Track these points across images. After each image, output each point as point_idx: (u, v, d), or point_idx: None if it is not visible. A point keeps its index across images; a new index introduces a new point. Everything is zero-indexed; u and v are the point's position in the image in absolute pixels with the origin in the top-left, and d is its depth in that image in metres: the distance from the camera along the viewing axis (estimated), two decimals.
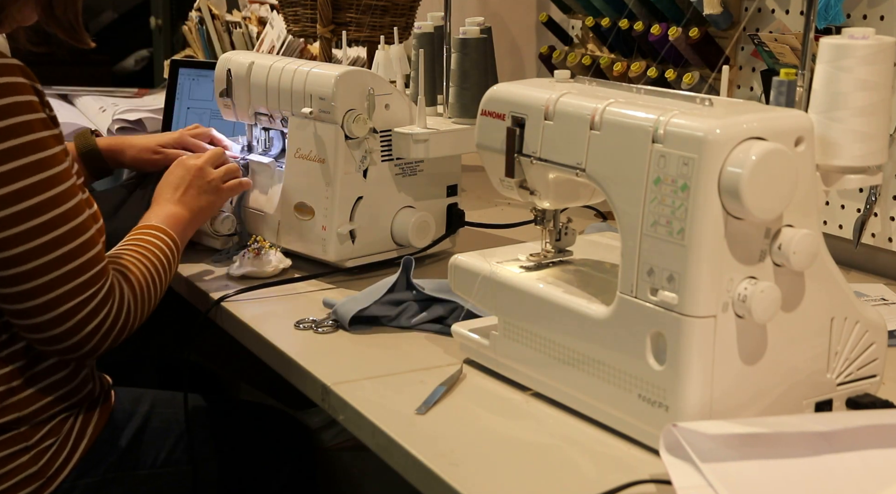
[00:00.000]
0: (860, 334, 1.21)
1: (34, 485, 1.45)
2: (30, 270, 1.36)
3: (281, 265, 1.73)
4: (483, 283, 1.36)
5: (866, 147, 1.17)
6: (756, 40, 1.87)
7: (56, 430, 1.48)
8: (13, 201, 1.35)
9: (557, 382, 1.27)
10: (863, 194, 1.79)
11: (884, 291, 1.70)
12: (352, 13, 2.27)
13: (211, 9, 3.01)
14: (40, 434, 1.46)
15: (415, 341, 1.51)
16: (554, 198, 1.33)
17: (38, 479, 1.45)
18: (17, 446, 1.44)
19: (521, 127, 1.31)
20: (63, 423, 1.49)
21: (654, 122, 1.14)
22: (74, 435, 1.50)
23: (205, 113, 2.40)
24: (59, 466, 1.47)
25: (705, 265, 1.10)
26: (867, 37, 1.16)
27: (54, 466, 1.47)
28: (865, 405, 1.19)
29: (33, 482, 1.45)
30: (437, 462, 1.15)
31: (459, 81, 1.78)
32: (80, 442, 1.50)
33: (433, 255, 1.85)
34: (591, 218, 2.12)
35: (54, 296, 1.37)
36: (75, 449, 1.49)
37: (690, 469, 1.03)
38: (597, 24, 2.22)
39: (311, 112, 1.73)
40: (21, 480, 1.44)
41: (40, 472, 1.45)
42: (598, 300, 1.23)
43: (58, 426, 1.48)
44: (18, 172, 1.35)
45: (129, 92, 3.14)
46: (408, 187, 1.80)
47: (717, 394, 1.12)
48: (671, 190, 1.11)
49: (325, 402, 1.37)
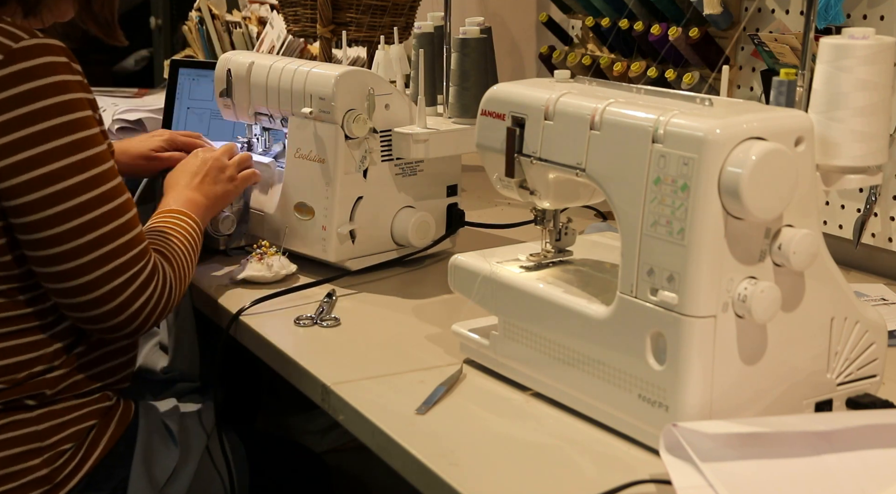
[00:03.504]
0: (860, 334, 1.21)
1: (41, 490, 1.42)
2: (72, 248, 1.37)
3: (283, 271, 1.72)
4: (483, 283, 1.36)
5: (866, 147, 1.17)
6: (756, 40, 1.87)
7: (76, 435, 1.45)
8: (56, 179, 1.35)
9: (557, 382, 1.27)
10: (863, 194, 1.79)
11: (884, 291, 1.70)
12: (352, 13, 2.27)
13: (211, 9, 3.01)
14: (57, 437, 1.43)
15: (415, 341, 1.51)
16: (554, 198, 1.33)
17: (46, 484, 1.42)
18: (31, 445, 1.41)
19: (521, 127, 1.31)
20: (84, 426, 1.46)
21: (654, 122, 1.14)
22: (89, 442, 1.47)
23: (205, 113, 2.40)
24: (69, 473, 1.44)
25: (705, 265, 1.10)
26: (867, 37, 1.16)
27: (64, 472, 1.43)
28: (865, 405, 1.19)
29: (41, 486, 1.42)
30: (437, 462, 1.15)
31: (459, 81, 1.78)
32: (93, 451, 1.47)
33: (433, 255, 1.85)
34: (591, 218, 2.12)
35: (98, 275, 1.38)
36: (87, 458, 1.46)
37: (690, 469, 1.04)
38: (597, 24, 2.22)
39: (311, 112, 1.73)
40: (29, 482, 1.41)
41: (50, 477, 1.42)
42: (598, 300, 1.23)
43: (78, 431, 1.45)
44: (62, 151, 1.36)
45: (129, 92, 3.14)
46: (408, 187, 1.80)
47: (717, 394, 1.12)
48: (671, 190, 1.11)
49: (325, 402, 1.37)
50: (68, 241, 1.37)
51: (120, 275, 1.39)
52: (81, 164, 1.37)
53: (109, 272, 1.38)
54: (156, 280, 1.43)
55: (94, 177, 1.38)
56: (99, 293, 1.38)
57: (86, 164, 1.37)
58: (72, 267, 1.37)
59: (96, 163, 1.39)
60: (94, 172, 1.38)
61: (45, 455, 1.42)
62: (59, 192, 1.36)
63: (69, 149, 1.36)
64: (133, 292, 1.40)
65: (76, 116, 1.37)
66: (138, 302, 1.41)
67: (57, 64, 1.36)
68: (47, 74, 1.35)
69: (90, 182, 1.38)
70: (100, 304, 1.39)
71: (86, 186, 1.37)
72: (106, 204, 1.39)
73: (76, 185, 1.36)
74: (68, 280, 1.38)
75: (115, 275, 1.39)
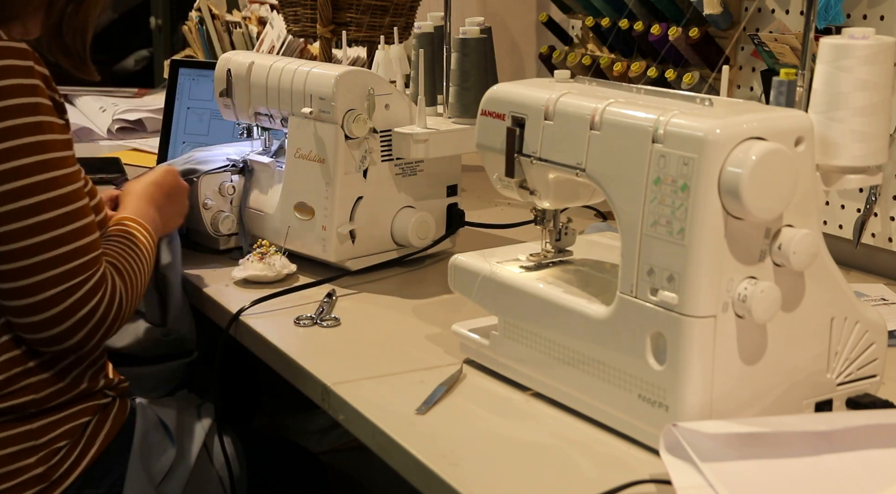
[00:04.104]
0: (860, 334, 1.21)
1: (37, 488, 1.41)
2: (19, 248, 1.34)
3: (284, 271, 1.72)
4: (483, 283, 1.36)
5: (866, 147, 1.17)
6: (756, 40, 1.87)
7: (70, 432, 1.44)
8: (9, 178, 1.33)
9: (557, 382, 1.27)
10: (863, 194, 1.79)
11: (884, 291, 1.70)
12: (352, 13, 2.27)
13: (211, 9, 3.01)
14: (52, 435, 1.43)
15: (415, 341, 1.51)
16: (554, 198, 1.33)
17: (42, 482, 1.41)
18: (26, 444, 1.41)
19: (521, 127, 1.31)
20: (78, 423, 1.46)
21: (654, 122, 1.14)
22: (85, 440, 1.46)
23: (205, 113, 2.40)
24: (64, 471, 1.43)
25: (705, 265, 1.10)
26: (867, 37, 1.16)
27: (60, 470, 1.43)
28: (865, 405, 1.19)
29: (37, 484, 1.41)
30: (437, 462, 1.15)
31: (459, 81, 1.78)
32: (89, 449, 1.46)
33: (433, 255, 1.85)
34: (591, 218, 2.12)
35: (42, 279, 1.34)
36: (83, 456, 1.45)
37: (690, 469, 1.04)
38: (597, 24, 2.22)
39: (311, 112, 1.73)
40: (25, 481, 1.40)
41: (45, 475, 1.41)
42: (598, 300, 1.23)
43: (72, 429, 1.45)
44: (16, 151, 1.33)
45: (129, 92, 3.14)
46: (408, 187, 1.80)
47: (717, 394, 1.12)
48: (671, 190, 1.11)
49: (325, 402, 1.37)
50: (16, 240, 1.34)
51: (64, 281, 1.35)
52: (40, 165, 1.35)
53: (55, 277, 1.34)
54: (102, 291, 1.38)
55: (51, 179, 1.35)
56: (39, 298, 1.34)
57: (45, 165, 1.35)
58: (16, 267, 1.34)
59: (56, 166, 1.36)
60: (52, 175, 1.36)
61: (40, 454, 1.42)
62: (12, 190, 1.33)
63: (29, 149, 1.34)
64: (77, 300, 1.35)
65: (37, 118, 1.35)
66: (82, 312, 1.36)
67: (17, 67, 1.34)
68: (9, 76, 1.33)
69: (47, 184, 1.35)
70: (39, 310, 1.35)
71: (41, 187, 1.35)
72: (58, 208, 1.36)
73: (31, 185, 1.34)
74: (10, 281, 1.34)
75: (60, 280, 1.35)
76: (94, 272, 1.38)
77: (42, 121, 1.36)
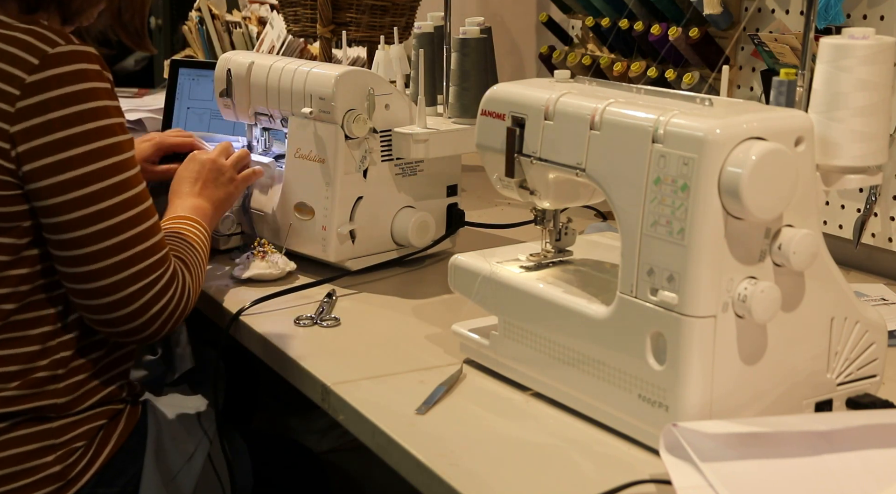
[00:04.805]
0: (860, 334, 1.21)
1: (53, 486, 1.43)
2: (95, 251, 1.38)
3: (287, 268, 1.73)
4: (483, 283, 1.36)
5: (866, 147, 1.17)
6: (756, 40, 1.87)
7: (87, 433, 1.46)
8: (82, 183, 1.37)
9: (557, 382, 1.27)
10: (863, 194, 1.79)
11: (884, 291, 1.70)
12: (352, 13, 2.27)
13: (211, 9, 3.01)
14: (71, 435, 1.44)
15: (415, 341, 1.51)
16: (554, 198, 1.33)
17: (59, 481, 1.43)
18: (45, 442, 1.42)
19: (521, 127, 1.31)
20: (95, 425, 1.47)
21: (654, 122, 1.14)
22: (99, 440, 1.48)
23: (205, 113, 2.40)
24: (80, 470, 1.45)
25: (705, 265, 1.10)
26: (867, 37, 1.16)
27: (76, 469, 1.45)
28: (865, 405, 1.19)
29: (54, 483, 1.43)
30: (437, 462, 1.15)
31: (459, 81, 1.78)
32: (103, 449, 1.48)
33: (433, 255, 1.85)
34: (591, 218, 2.12)
35: (118, 279, 1.39)
36: (98, 456, 1.47)
37: (690, 469, 1.04)
38: (597, 24, 2.22)
39: (311, 112, 1.73)
40: (42, 479, 1.42)
41: (62, 474, 1.43)
42: (598, 300, 1.23)
43: (89, 430, 1.46)
44: (89, 156, 1.37)
45: (129, 92, 3.14)
46: (408, 187, 1.80)
47: (717, 394, 1.12)
48: (671, 190, 1.11)
49: (325, 402, 1.37)
50: (92, 244, 1.38)
51: (140, 280, 1.40)
52: (108, 169, 1.39)
53: (130, 276, 1.40)
54: (175, 286, 1.44)
55: (119, 182, 1.40)
56: (118, 297, 1.40)
57: (112, 170, 1.39)
58: (94, 269, 1.39)
59: (122, 169, 1.40)
60: (120, 178, 1.40)
61: (58, 452, 1.43)
62: (86, 195, 1.37)
63: (97, 154, 1.38)
64: (152, 297, 1.41)
65: (105, 122, 1.39)
66: (156, 307, 1.42)
67: (89, 71, 1.38)
68: (79, 81, 1.36)
69: (116, 187, 1.39)
70: (118, 307, 1.40)
71: (111, 191, 1.39)
72: (130, 209, 1.40)
73: (103, 189, 1.38)
74: (89, 282, 1.39)
75: (135, 279, 1.40)
76: (167, 269, 1.43)
77: (111, 124, 1.40)
